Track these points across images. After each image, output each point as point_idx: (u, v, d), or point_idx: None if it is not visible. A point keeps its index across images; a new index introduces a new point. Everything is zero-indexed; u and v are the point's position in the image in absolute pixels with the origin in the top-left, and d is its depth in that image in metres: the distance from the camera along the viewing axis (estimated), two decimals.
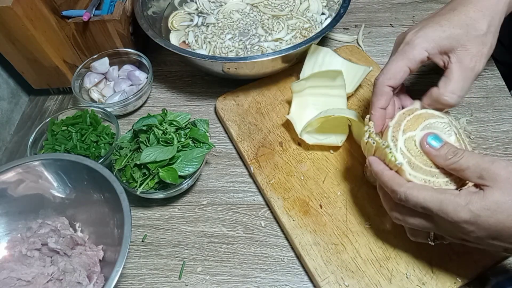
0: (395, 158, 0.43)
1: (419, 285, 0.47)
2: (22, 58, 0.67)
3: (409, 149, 0.43)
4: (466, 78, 0.46)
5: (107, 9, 0.70)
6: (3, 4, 0.58)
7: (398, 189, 0.41)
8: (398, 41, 0.50)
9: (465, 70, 0.46)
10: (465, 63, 0.46)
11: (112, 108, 0.67)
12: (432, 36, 0.46)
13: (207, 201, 0.59)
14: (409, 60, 0.47)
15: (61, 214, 0.53)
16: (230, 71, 0.66)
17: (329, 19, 0.76)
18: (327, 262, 0.50)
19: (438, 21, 0.47)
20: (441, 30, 0.46)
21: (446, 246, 0.49)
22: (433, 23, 0.47)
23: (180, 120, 0.58)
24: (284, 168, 0.59)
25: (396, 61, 0.47)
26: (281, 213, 0.54)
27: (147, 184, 0.54)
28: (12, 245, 0.51)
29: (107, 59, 0.72)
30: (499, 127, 0.63)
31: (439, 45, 0.46)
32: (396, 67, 0.47)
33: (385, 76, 0.47)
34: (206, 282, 0.52)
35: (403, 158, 0.43)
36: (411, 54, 0.47)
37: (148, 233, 0.57)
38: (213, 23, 0.78)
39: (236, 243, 0.55)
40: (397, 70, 0.47)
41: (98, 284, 0.48)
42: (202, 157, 0.55)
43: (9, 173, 0.51)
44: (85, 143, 0.60)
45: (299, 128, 0.60)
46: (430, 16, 0.50)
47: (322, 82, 0.62)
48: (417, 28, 0.48)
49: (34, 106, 0.76)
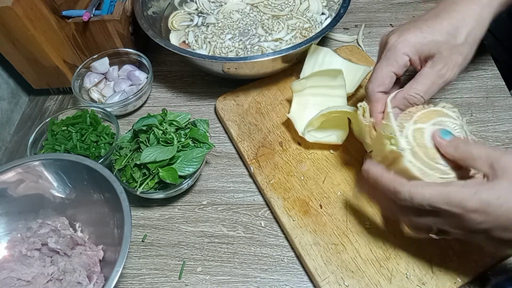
0: (398, 144, 0.43)
1: (419, 285, 0.47)
2: (22, 58, 0.67)
3: (415, 138, 0.43)
4: (433, 83, 0.47)
5: (107, 9, 0.70)
6: (3, 4, 0.58)
7: (401, 189, 0.40)
8: (381, 44, 0.51)
9: (435, 76, 0.47)
10: (436, 68, 0.47)
11: (112, 108, 0.67)
12: (413, 41, 0.48)
13: (207, 201, 0.59)
14: (393, 66, 0.48)
15: (61, 214, 0.53)
16: (230, 71, 0.66)
17: (329, 19, 0.76)
18: (327, 262, 0.50)
19: (420, 26, 0.48)
20: (421, 36, 0.47)
21: (446, 246, 0.49)
22: (414, 29, 0.48)
23: (180, 120, 0.58)
24: (284, 168, 0.59)
25: (381, 68, 0.49)
26: (281, 213, 0.54)
27: (147, 184, 0.54)
28: (12, 245, 0.51)
29: (107, 59, 0.72)
30: (499, 127, 0.63)
31: (418, 50, 0.48)
32: (382, 74, 0.49)
33: (374, 84, 0.49)
34: (206, 282, 0.52)
35: (407, 145, 0.43)
36: (394, 60, 0.48)
37: (148, 233, 0.57)
38: (213, 23, 0.78)
39: (236, 243, 0.55)
40: (384, 77, 0.49)
41: (98, 284, 0.48)
42: (202, 157, 0.55)
43: (9, 173, 0.51)
44: (85, 143, 0.60)
45: (300, 127, 0.60)
46: (413, 20, 0.50)
47: (323, 81, 0.62)
48: (399, 32, 0.49)
49: (34, 106, 0.76)
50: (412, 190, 0.39)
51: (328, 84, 0.62)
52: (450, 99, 0.67)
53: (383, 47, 0.51)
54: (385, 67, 0.49)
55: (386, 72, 0.48)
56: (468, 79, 0.70)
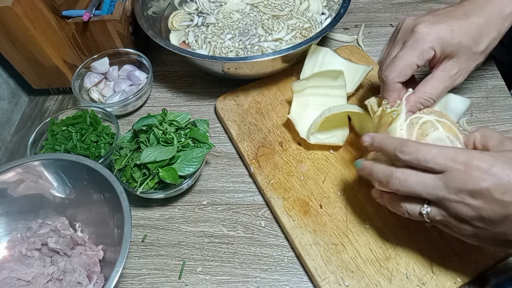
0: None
1: (419, 285, 0.47)
2: (22, 58, 0.67)
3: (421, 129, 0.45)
4: (446, 88, 0.47)
5: (107, 9, 0.70)
6: (3, 4, 0.58)
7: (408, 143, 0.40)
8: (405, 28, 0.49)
9: (448, 80, 0.47)
10: (451, 73, 0.47)
11: (112, 108, 0.67)
12: (443, 37, 0.46)
13: (207, 201, 0.59)
14: (418, 57, 0.47)
15: (61, 214, 0.53)
16: (230, 71, 0.66)
17: (329, 19, 0.76)
18: (327, 262, 0.50)
19: (451, 23, 0.47)
20: (451, 35, 0.46)
21: (446, 246, 0.49)
22: (445, 24, 0.47)
23: (180, 120, 0.58)
24: (284, 168, 0.59)
25: (405, 58, 0.47)
26: (281, 213, 0.54)
27: (147, 184, 0.54)
28: (12, 245, 0.51)
29: (107, 59, 0.72)
30: (499, 127, 0.63)
31: (444, 48, 0.47)
32: (406, 64, 0.47)
33: (394, 74, 0.47)
34: (206, 282, 0.52)
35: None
36: (420, 51, 0.46)
37: (148, 233, 0.57)
38: (213, 23, 0.78)
39: (236, 243, 0.55)
40: (407, 67, 0.47)
41: (98, 284, 0.48)
42: (202, 157, 0.55)
43: (9, 173, 0.51)
44: (85, 143, 0.60)
45: (300, 128, 0.60)
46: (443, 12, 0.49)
47: (323, 82, 0.62)
48: (429, 23, 0.47)
49: (34, 106, 0.76)
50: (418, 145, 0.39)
51: (328, 85, 0.62)
52: None
53: (408, 33, 0.48)
54: (410, 58, 0.47)
55: (410, 63, 0.47)
56: (468, 79, 0.69)
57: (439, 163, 0.38)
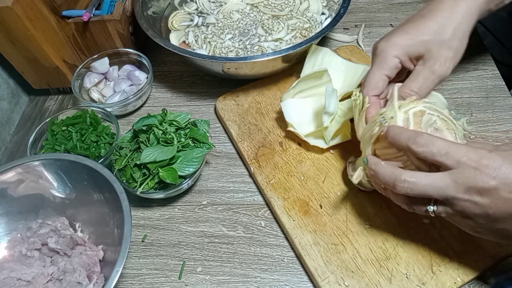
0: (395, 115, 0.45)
1: (419, 285, 0.47)
2: (22, 58, 0.67)
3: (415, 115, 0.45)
4: (426, 79, 0.48)
5: (107, 9, 0.70)
6: (3, 4, 0.58)
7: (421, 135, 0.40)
8: (372, 51, 0.53)
9: (427, 72, 0.48)
10: (427, 65, 0.48)
11: (112, 108, 0.67)
12: (401, 44, 0.49)
13: (207, 201, 0.59)
14: (384, 69, 0.50)
15: (61, 214, 0.53)
16: (230, 71, 0.66)
17: (329, 19, 0.76)
18: (327, 262, 0.50)
19: (406, 29, 0.50)
20: (408, 38, 0.49)
21: (446, 246, 0.49)
22: (401, 32, 0.50)
23: (180, 120, 0.58)
24: (284, 168, 0.59)
25: (373, 73, 0.51)
26: (281, 213, 0.54)
27: (147, 184, 0.54)
28: (12, 245, 0.51)
29: (107, 59, 0.72)
30: (499, 127, 0.63)
31: (407, 52, 0.49)
32: (375, 79, 0.50)
33: (368, 88, 0.51)
34: (206, 282, 0.52)
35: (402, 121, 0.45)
36: (384, 63, 0.50)
37: (148, 233, 0.57)
38: (213, 23, 0.78)
39: (236, 243, 0.55)
40: (377, 80, 0.50)
41: (98, 284, 0.48)
42: (202, 157, 0.55)
43: (9, 173, 0.51)
44: (85, 143, 0.60)
45: (299, 129, 0.60)
46: (403, 23, 0.52)
47: (309, 83, 0.63)
48: (387, 37, 0.51)
49: (34, 106, 0.76)
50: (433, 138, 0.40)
51: (315, 84, 0.63)
52: (450, 99, 0.67)
53: (373, 53, 0.52)
54: (377, 72, 0.50)
55: (378, 76, 0.50)
56: (468, 79, 0.70)
57: (453, 158, 0.39)
